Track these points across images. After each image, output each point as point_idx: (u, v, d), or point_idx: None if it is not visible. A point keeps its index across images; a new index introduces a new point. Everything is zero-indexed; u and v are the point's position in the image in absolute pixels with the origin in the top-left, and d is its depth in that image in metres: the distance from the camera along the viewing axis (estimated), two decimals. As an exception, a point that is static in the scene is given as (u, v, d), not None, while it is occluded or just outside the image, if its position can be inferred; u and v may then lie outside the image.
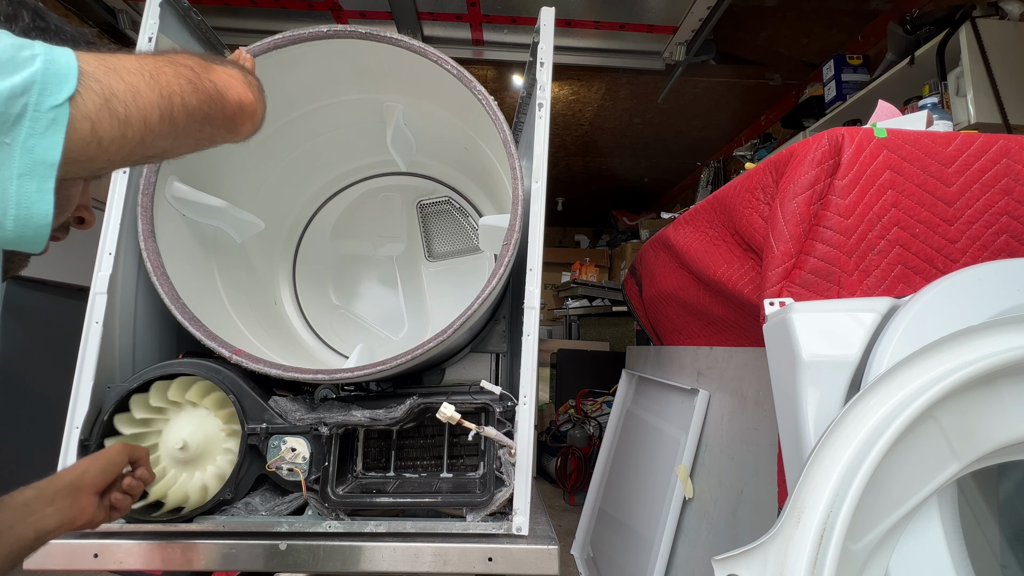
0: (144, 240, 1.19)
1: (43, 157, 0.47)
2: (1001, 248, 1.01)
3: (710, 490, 1.49)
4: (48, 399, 2.39)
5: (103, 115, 0.50)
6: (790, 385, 0.87)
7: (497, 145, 1.31)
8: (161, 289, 1.17)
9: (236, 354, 1.14)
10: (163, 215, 1.25)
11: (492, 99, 1.28)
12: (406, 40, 1.27)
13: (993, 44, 2.06)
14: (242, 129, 0.71)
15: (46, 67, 0.47)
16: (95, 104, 0.50)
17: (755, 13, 2.95)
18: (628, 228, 5.70)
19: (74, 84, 0.48)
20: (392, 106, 1.54)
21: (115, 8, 2.65)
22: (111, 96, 0.51)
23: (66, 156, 0.48)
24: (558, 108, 4.01)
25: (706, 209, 1.43)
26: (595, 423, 3.54)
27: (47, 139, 0.47)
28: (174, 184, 1.25)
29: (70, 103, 0.48)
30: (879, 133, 1.02)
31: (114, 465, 0.88)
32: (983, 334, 0.74)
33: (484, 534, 1.10)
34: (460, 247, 1.90)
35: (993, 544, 0.89)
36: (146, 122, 0.54)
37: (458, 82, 1.27)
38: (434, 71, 1.29)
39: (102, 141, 0.51)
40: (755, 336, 1.32)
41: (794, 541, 0.67)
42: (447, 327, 1.15)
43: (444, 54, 1.28)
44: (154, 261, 1.18)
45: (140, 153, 0.56)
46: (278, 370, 1.13)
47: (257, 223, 1.51)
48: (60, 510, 0.79)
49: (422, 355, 1.14)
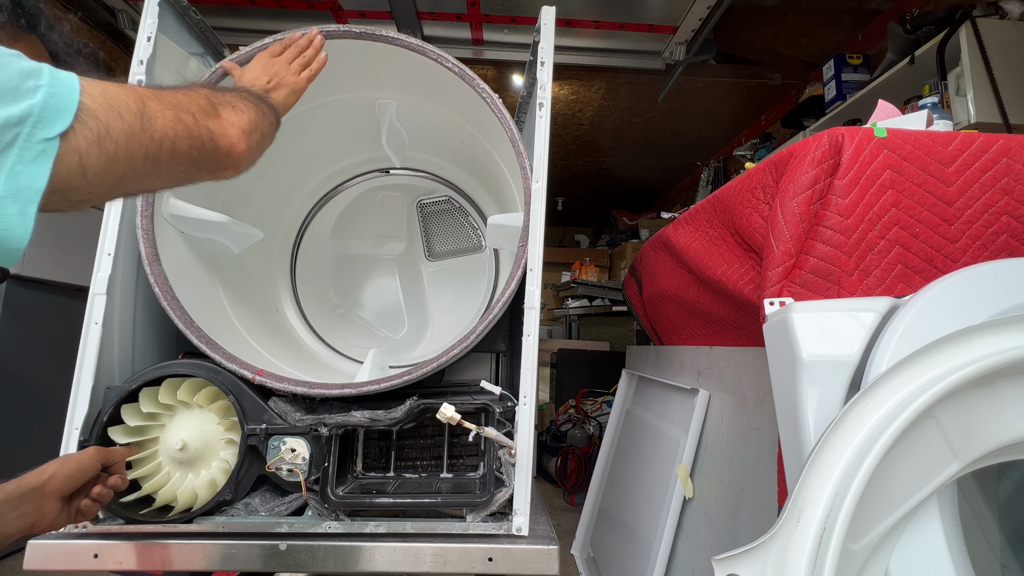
0: (149, 264, 1.18)
1: (28, 183, 0.48)
2: (1001, 248, 1.01)
3: (710, 490, 1.49)
4: (48, 399, 2.40)
5: (92, 151, 0.52)
6: (790, 385, 0.87)
7: (502, 143, 1.31)
8: (174, 315, 1.17)
9: (259, 375, 1.14)
10: (163, 235, 1.25)
11: (497, 97, 1.28)
12: (404, 39, 1.27)
13: (993, 44, 2.06)
14: (224, 174, 0.73)
15: (46, 100, 0.49)
16: (87, 140, 0.51)
17: (755, 13, 2.95)
18: (628, 228, 5.70)
19: (70, 120, 0.50)
20: (385, 103, 1.54)
21: (115, 8, 2.65)
22: (105, 135, 0.53)
23: (51, 185, 0.49)
24: (558, 108, 4.01)
25: (706, 209, 1.43)
26: (595, 423, 3.54)
27: (34, 167, 0.48)
28: (170, 201, 1.25)
29: (62, 138, 0.49)
30: (879, 133, 1.02)
31: (83, 471, 0.89)
32: (983, 334, 0.74)
33: (484, 534, 1.10)
34: (460, 246, 1.90)
35: (993, 544, 0.89)
36: (131, 160, 0.56)
37: (460, 81, 1.27)
38: (434, 69, 1.29)
39: (87, 174, 0.52)
40: (755, 336, 1.32)
41: (794, 541, 0.67)
42: (470, 331, 1.16)
43: (443, 52, 1.28)
44: (163, 286, 1.18)
45: (121, 189, 0.58)
46: (303, 387, 1.14)
47: (255, 233, 1.51)
48: (22, 515, 0.80)
49: (447, 362, 1.14)
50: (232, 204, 1.49)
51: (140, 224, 1.20)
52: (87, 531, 1.09)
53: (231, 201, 1.48)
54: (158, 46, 1.27)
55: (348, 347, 1.80)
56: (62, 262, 2.40)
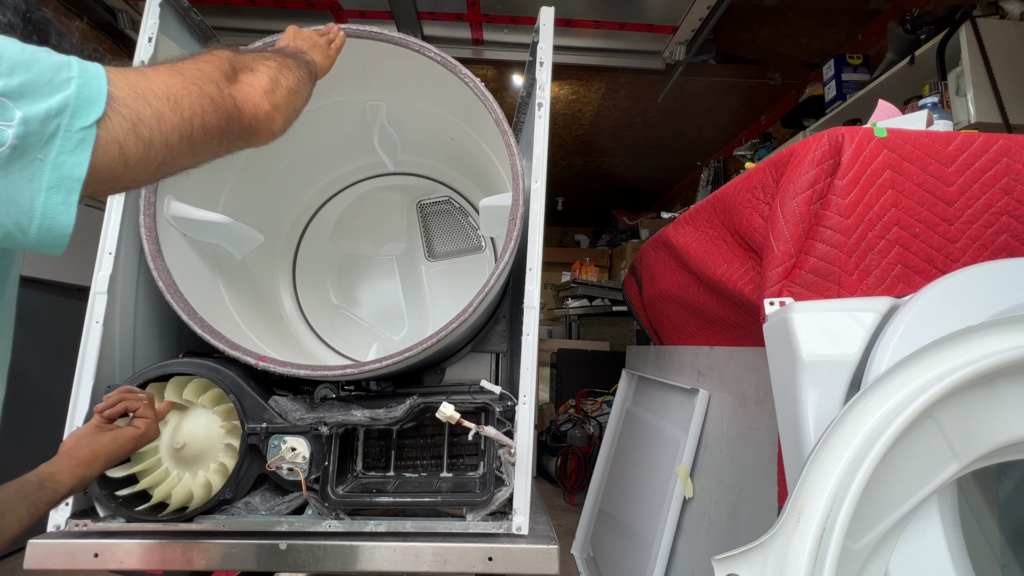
0: (152, 260, 1.19)
1: (71, 172, 0.51)
2: (1001, 248, 1.01)
3: (710, 490, 1.49)
4: (48, 399, 2.40)
5: (130, 139, 0.54)
6: (790, 385, 0.87)
7: (489, 131, 1.31)
8: (178, 307, 1.17)
9: (262, 360, 1.14)
10: (166, 235, 1.25)
11: (480, 81, 1.27)
12: (387, 34, 1.26)
13: (993, 44, 2.06)
14: (258, 139, 0.73)
15: (79, 91, 0.51)
16: (123, 128, 0.53)
17: (755, 13, 2.95)
18: (628, 228, 5.70)
19: (102, 108, 0.52)
20: (376, 104, 1.54)
21: (115, 8, 2.65)
22: (138, 121, 0.55)
23: (96, 175, 0.52)
24: (558, 108, 4.01)
25: (706, 209, 1.43)
26: (595, 423, 3.54)
27: (75, 156, 0.51)
28: (171, 203, 1.25)
29: (98, 125, 0.52)
30: (879, 133, 1.02)
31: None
32: (983, 334, 0.74)
33: (484, 533, 1.10)
34: (460, 247, 1.90)
35: (993, 544, 0.89)
36: (167, 144, 0.57)
37: (444, 70, 1.26)
38: (420, 63, 1.28)
39: (128, 162, 0.55)
40: (755, 336, 1.32)
41: (794, 541, 0.67)
42: (461, 311, 1.15)
43: (427, 44, 1.27)
44: (166, 280, 1.18)
45: (162, 172, 0.60)
46: (307, 370, 1.14)
47: (256, 237, 1.51)
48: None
49: (439, 342, 1.14)
50: (233, 204, 1.49)
51: (143, 223, 1.20)
52: (87, 530, 1.09)
53: (232, 202, 1.49)
54: (159, 47, 1.27)
55: (348, 347, 1.80)
56: (62, 262, 2.40)
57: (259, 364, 1.14)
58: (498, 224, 1.41)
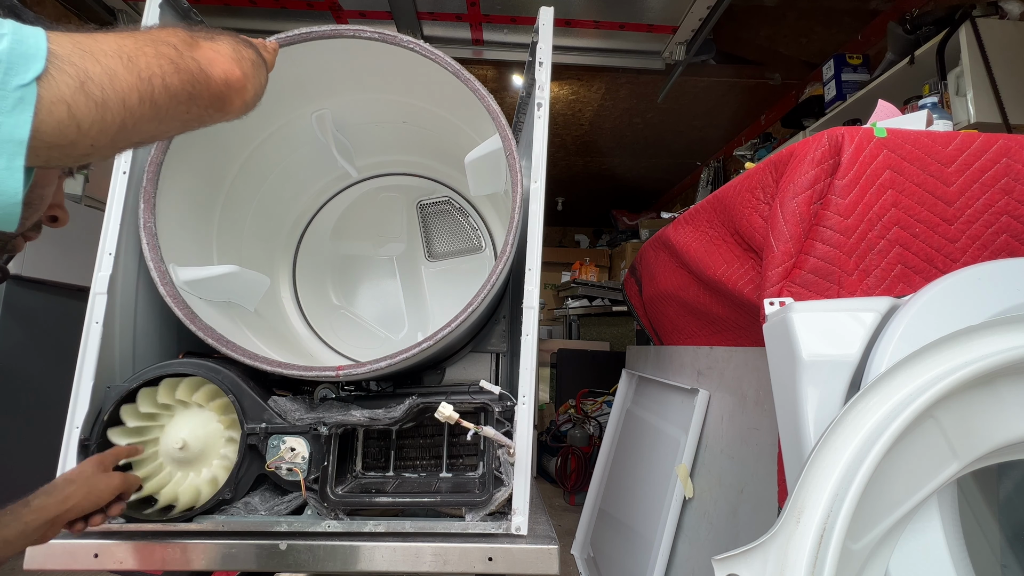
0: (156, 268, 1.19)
1: (11, 134, 0.47)
2: (1001, 248, 1.01)
3: (710, 490, 1.49)
4: (48, 399, 2.40)
5: (79, 98, 0.50)
6: (790, 385, 0.87)
7: (491, 130, 1.30)
8: (178, 310, 1.17)
9: (268, 364, 1.14)
10: (167, 238, 1.25)
11: (444, 54, 1.25)
12: (368, 30, 1.24)
13: (993, 44, 2.06)
14: (231, 107, 0.69)
15: (12, 47, 0.47)
16: (69, 87, 0.50)
17: (755, 13, 2.96)
18: (628, 228, 5.70)
19: (42, 64, 0.48)
20: (321, 114, 1.50)
21: (115, 8, 2.66)
22: (86, 79, 0.51)
23: (45, 138, 0.48)
24: (558, 108, 4.01)
25: (706, 209, 1.43)
26: (595, 423, 3.54)
27: (14, 117, 0.47)
28: (179, 271, 1.22)
29: (39, 83, 0.48)
30: (879, 133, 1.02)
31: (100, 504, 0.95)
32: (983, 334, 0.74)
33: (484, 534, 1.10)
34: (460, 247, 1.90)
35: (993, 544, 0.89)
36: (125, 105, 0.54)
37: (421, 56, 1.24)
38: (393, 55, 1.27)
39: (81, 124, 0.51)
40: (755, 336, 1.32)
41: (794, 541, 0.67)
42: (461, 311, 1.15)
43: (414, 41, 1.26)
44: (171, 291, 1.18)
45: (125, 139, 0.56)
46: (298, 371, 1.14)
47: (263, 280, 1.49)
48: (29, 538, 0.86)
49: (439, 342, 1.13)
50: (234, 206, 1.49)
51: (143, 223, 1.20)
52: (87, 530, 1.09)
53: (232, 204, 1.48)
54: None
55: (348, 347, 1.80)
56: (62, 262, 2.40)
57: (258, 365, 1.14)
58: (489, 176, 1.35)
